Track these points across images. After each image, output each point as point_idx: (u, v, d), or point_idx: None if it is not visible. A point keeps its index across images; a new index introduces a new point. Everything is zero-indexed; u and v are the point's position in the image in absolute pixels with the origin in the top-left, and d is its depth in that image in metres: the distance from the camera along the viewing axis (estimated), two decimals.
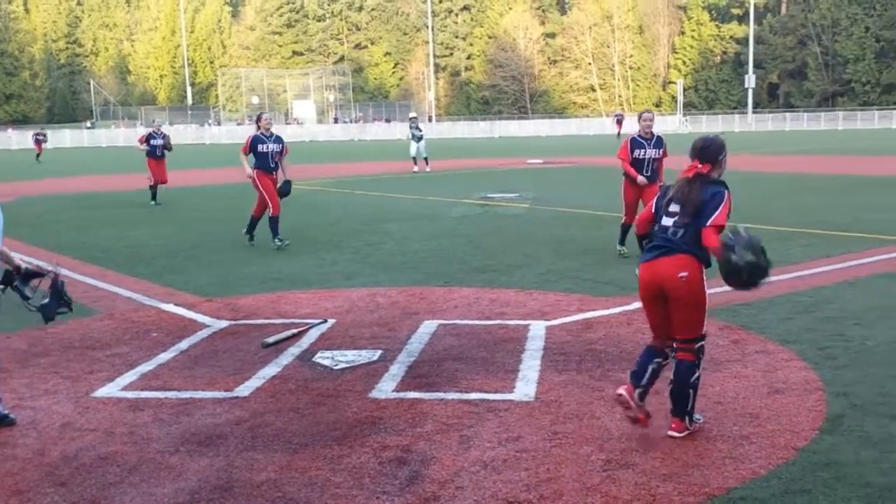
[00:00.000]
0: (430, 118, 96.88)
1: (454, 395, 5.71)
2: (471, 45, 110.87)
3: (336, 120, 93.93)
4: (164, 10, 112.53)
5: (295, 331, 7.38)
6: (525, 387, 5.85)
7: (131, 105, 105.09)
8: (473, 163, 34.98)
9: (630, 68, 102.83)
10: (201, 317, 8.19)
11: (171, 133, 75.31)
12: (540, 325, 7.53)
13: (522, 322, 7.68)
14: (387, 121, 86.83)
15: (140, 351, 7.01)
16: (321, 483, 4.40)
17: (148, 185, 20.19)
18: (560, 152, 41.83)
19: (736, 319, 7.45)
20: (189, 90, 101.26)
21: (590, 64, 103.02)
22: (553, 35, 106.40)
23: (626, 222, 10.95)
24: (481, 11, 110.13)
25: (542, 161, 34.47)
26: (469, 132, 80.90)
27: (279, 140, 12.53)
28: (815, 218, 14.48)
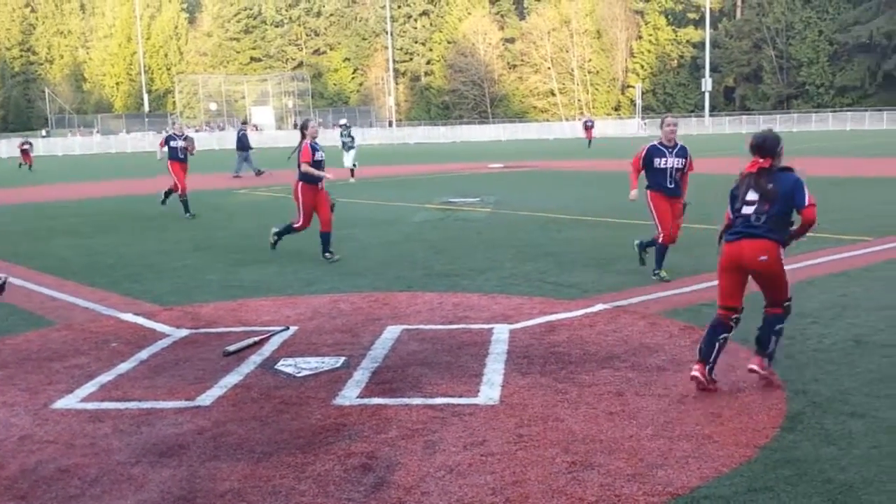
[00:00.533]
0: (391, 123, 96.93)
1: (419, 401, 5.69)
2: (430, 51, 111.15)
3: (295, 126, 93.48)
4: (120, 17, 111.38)
5: (257, 338, 7.30)
6: (489, 390, 5.85)
7: (87, 113, 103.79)
8: (434, 168, 35.00)
9: (589, 73, 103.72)
10: (161, 326, 8.09)
11: (127, 141, 74.65)
12: (503, 329, 7.54)
13: (486, 326, 7.68)
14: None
15: (99, 361, 6.90)
16: (286, 491, 4.36)
17: (178, 196, 18.18)
18: (520, 156, 42.04)
19: (698, 320, 7.51)
20: (146, 97, 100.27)
21: (549, 68, 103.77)
22: (512, 40, 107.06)
23: (664, 240, 9.63)
24: (440, 17, 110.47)
25: (503, 165, 34.63)
26: (429, 137, 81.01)
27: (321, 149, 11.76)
28: None
